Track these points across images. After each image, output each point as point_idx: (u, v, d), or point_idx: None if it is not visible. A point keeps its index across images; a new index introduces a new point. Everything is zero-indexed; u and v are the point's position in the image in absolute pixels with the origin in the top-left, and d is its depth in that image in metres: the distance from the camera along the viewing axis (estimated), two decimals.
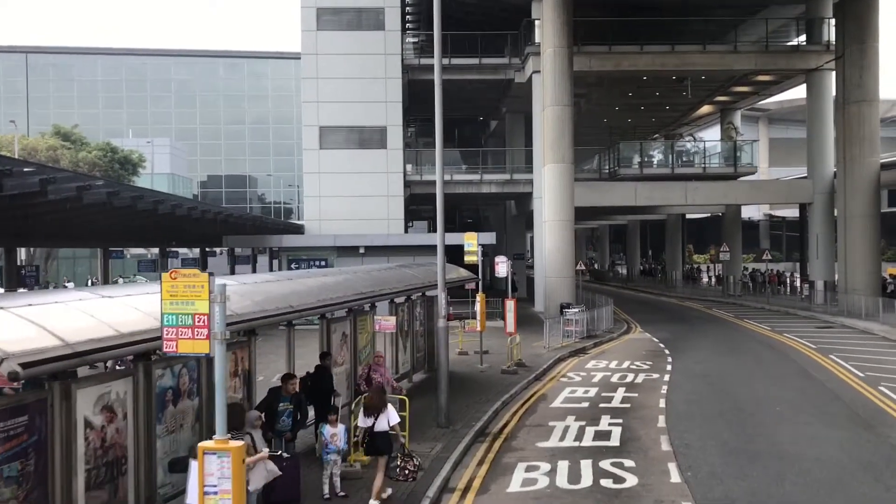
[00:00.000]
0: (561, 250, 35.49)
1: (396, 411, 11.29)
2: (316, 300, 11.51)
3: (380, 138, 40.24)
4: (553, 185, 35.66)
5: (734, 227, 51.47)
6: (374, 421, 10.69)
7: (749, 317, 36.78)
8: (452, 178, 42.26)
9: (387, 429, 10.73)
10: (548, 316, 35.69)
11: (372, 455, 11.03)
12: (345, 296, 12.25)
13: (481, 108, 52.79)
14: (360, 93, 40.10)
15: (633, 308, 42.79)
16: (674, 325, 34.94)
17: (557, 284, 35.61)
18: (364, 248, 32.66)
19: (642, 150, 40.62)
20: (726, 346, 27.69)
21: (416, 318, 20.47)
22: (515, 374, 21.22)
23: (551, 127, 35.71)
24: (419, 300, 20.73)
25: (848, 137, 36.50)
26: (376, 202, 39.92)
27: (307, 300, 11.13)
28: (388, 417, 10.75)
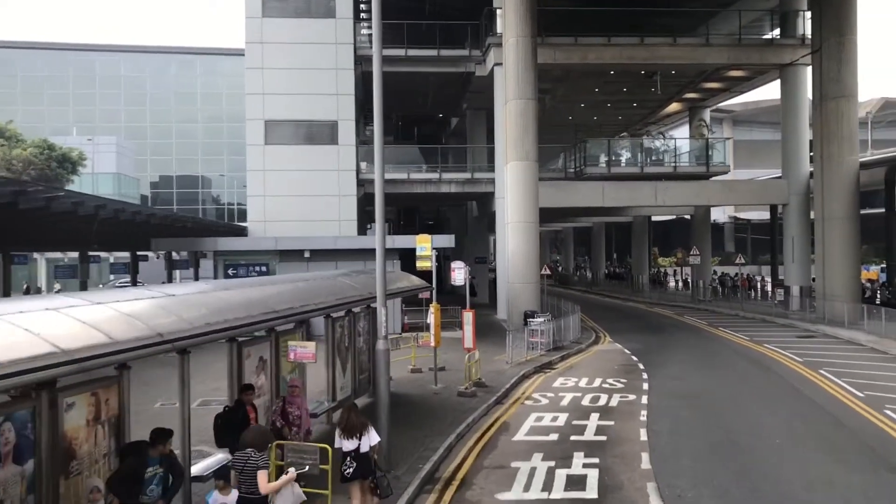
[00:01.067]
0: (525, 254, 33.00)
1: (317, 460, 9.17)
2: (204, 323, 8.72)
3: (330, 133, 37.36)
4: (516, 184, 33.16)
5: (703, 230, 49.60)
6: (358, 443, 10.02)
7: (724, 325, 34.64)
8: (409, 177, 39.56)
9: (368, 450, 10.11)
10: (511, 325, 33.18)
11: (358, 480, 10.11)
12: (245, 317, 9.46)
13: (441, 104, 50.19)
14: (309, 84, 37.20)
15: (601, 315, 40.50)
16: (645, 334, 32.65)
17: (521, 290, 33.11)
18: (309, 251, 29.80)
19: (610, 147, 38.37)
20: (704, 359, 25.37)
21: (360, 334, 17.71)
22: (474, 396, 18.56)
23: (514, 122, 33.22)
24: (363, 313, 17.98)
25: (826, 135, 34.59)
26: (327, 202, 37.02)
27: (188, 324, 8.33)
28: (370, 437, 10.14)
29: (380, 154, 13.21)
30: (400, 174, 39.61)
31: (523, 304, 32.70)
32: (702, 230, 49.36)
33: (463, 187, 39.94)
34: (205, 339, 8.52)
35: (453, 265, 21.27)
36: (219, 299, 10.01)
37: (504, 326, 34.22)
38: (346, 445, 10.07)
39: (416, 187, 39.80)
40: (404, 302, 31.14)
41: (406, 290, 18.14)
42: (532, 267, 33.09)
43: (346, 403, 11.88)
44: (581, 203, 38.04)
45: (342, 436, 10.12)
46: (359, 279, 16.49)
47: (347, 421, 10.19)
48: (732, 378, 21.52)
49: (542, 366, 23.97)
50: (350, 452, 10.05)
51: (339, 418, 10.71)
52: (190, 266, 38.97)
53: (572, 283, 70.97)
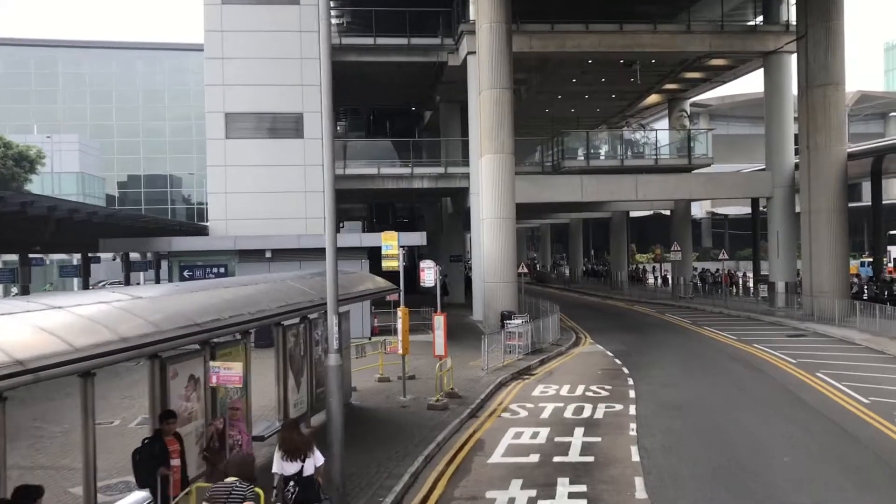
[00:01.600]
0: (501, 251, 31.35)
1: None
2: (104, 341, 6.89)
3: (295, 126, 35.40)
4: (491, 179, 31.48)
5: (684, 225, 48.24)
6: (302, 465, 8.90)
7: (708, 323, 33.21)
8: (380, 172, 37.72)
9: (312, 472, 8.99)
10: (487, 326, 31.53)
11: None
12: (150, 334, 7.62)
13: (413, 97, 48.41)
14: (272, 75, 35.19)
15: (580, 314, 38.96)
16: (627, 334, 31.11)
17: (498, 290, 31.44)
18: (271, 251, 27.89)
19: (589, 140, 36.82)
20: (692, 361, 23.83)
21: (318, 343, 15.89)
22: (445, 409, 16.82)
23: (489, 112, 31.53)
24: (322, 319, 16.15)
25: (812, 124, 33.26)
26: (292, 199, 35.04)
27: (68, 345, 6.50)
28: (314, 458, 9.04)
29: (329, 134, 11.42)
30: (370, 169, 37.78)
31: (500, 305, 31.05)
32: (682, 225, 48.00)
33: (436, 182, 38.18)
34: (90, 365, 6.69)
35: (422, 265, 19.50)
36: (125, 312, 8.17)
37: (480, 328, 32.57)
38: (287, 469, 8.95)
39: (388, 183, 37.98)
40: (374, 304, 29.36)
41: (369, 294, 16.36)
42: (509, 265, 31.45)
43: (288, 422, 10.09)
44: (559, 198, 36.45)
45: (283, 457, 8.99)
46: (314, 282, 14.68)
47: (290, 441, 9.07)
48: (724, 383, 19.96)
49: (521, 371, 22.29)
50: (292, 476, 8.91)
51: (279, 437, 9.47)
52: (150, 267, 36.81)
53: (550, 281, 69.51)
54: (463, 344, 27.44)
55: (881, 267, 37.46)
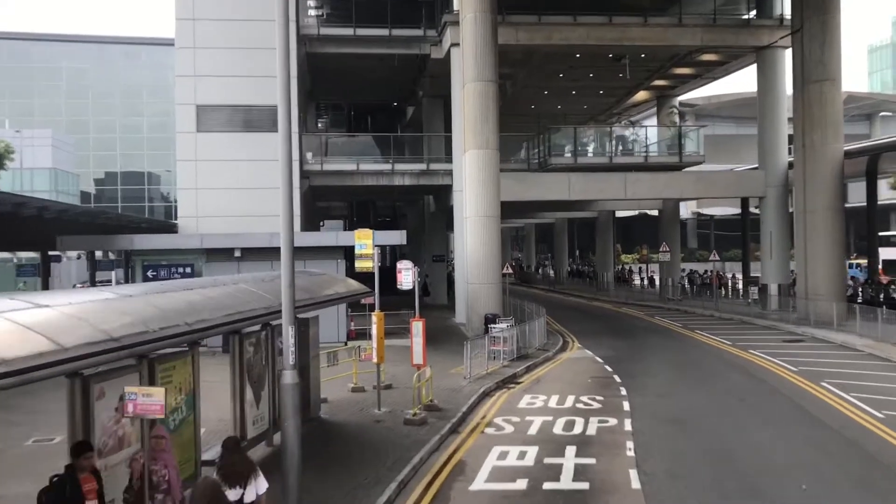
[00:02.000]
0: (485, 251, 29.90)
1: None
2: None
3: (270, 119, 33.74)
4: (475, 175, 30.03)
5: (672, 225, 47.01)
6: (243, 492, 7.79)
7: (700, 327, 31.92)
8: (359, 169, 36.15)
9: (254, 500, 7.89)
10: (470, 329, 30.11)
11: None
12: (41, 353, 6.09)
13: (395, 92, 46.91)
14: (246, 66, 33.56)
15: (566, 316, 37.60)
16: (616, 338, 29.76)
17: (481, 292, 29.99)
18: (240, 250, 26.27)
19: (577, 137, 35.47)
20: (687, 369, 22.47)
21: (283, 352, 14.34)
22: (424, 424, 15.33)
23: (473, 106, 30.08)
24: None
25: (808, 122, 32.06)
26: (268, 196, 33.12)
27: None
28: (257, 484, 7.92)
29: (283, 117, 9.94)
30: (348, 165, 36.21)
31: (484, 307, 29.62)
32: (670, 226, 46.77)
33: (418, 179, 36.66)
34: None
35: (400, 265, 17.98)
36: (39, 319, 6.61)
37: (463, 331, 31.14)
38: (229, 496, 7.76)
39: (367, 179, 36.41)
40: (351, 305, 27.84)
41: (338, 298, 14.82)
42: (493, 266, 30.01)
43: (228, 441, 8.54)
44: (546, 196, 35.06)
45: (223, 483, 7.81)
46: (275, 286, 13.14)
47: (229, 464, 7.96)
48: (724, 394, 18.60)
49: (506, 380, 20.83)
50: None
51: (219, 460, 8.29)
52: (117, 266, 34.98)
53: (535, 282, 68.21)
54: (444, 349, 25.99)
55: (876, 269, 36.36)
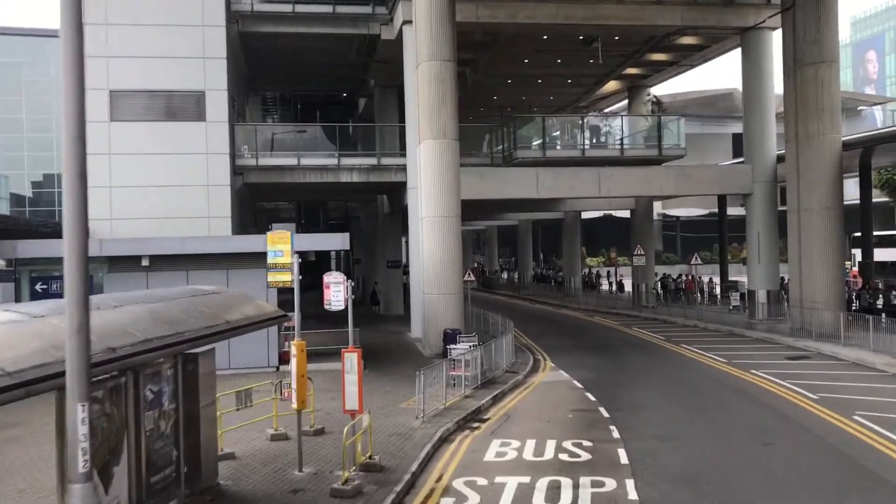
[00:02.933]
0: (444, 257, 25.98)
1: None
2: None
3: (196, 107, 29.40)
4: (432, 169, 26.11)
5: (646, 226, 43.64)
6: None
7: (685, 340, 28.34)
8: (300, 164, 31.90)
9: None
10: (427, 346, 26.20)
11: None
12: None
13: (346, 81, 42.78)
14: (167, 46, 29.11)
15: (534, 328, 33.84)
16: (593, 355, 26.04)
17: (440, 304, 26.05)
18: (148, 258, 21.91)
19: (545, 127, 31.70)
20: (685, 398, 18.75)
21: (156, 402, 10.18)
22: (357, 495, 11.26)
23: (428, 89, 26.15)
24: (169, 366, 10.46)
25: (802, 110, 28.72)
26: (193, 194, 29.05)
27: None
28: None
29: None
30: (287, 159, 31.95)
31: (442, 321, 25.68)
32: (644, 226, 43.40)
33: (368, 176, 32.56)
34: None
35: (327, 279, 13.88)
36: None
37: (419, 349, 27.18)
38: None
39: (310, 176, 32.17)
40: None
41: (234, 329, 10.64)
42: (453, 274, 26.09)
43: None
44: (511, 194, 31.23)
45: None
46: (138, 313, 9.05)
47: None
48: (744, 436, 14.83)
49: (469, 417, 16.87)
50: None
51: None
52: (4, 279, 30.01)
53: (497, 287, 64.50)
54: (396, 373, 22.02)
55: (872, 273, 33.25)
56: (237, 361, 21.73)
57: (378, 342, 28.67)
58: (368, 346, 26.65)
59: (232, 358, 21.65)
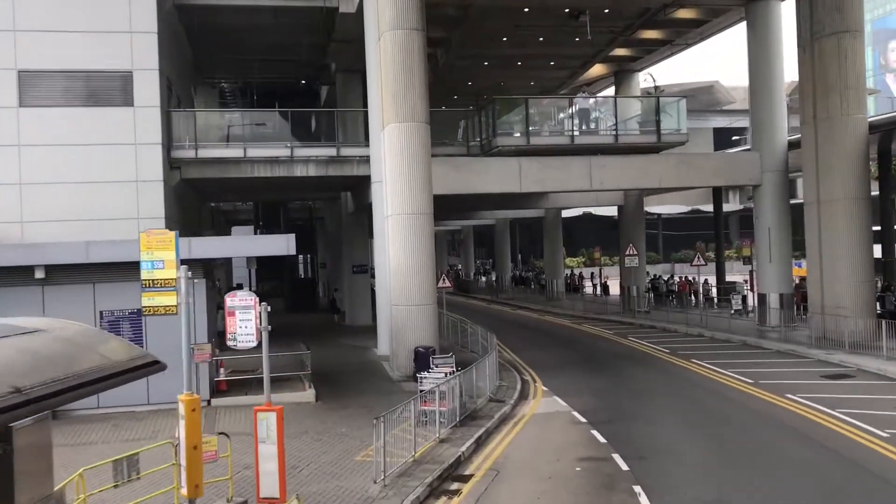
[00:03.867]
0: (414, 262, 22.01)
1: None
2: None
3: (122, 90, 25.05)
4: (398, 158, 22.11)
5: (636, 224, 39.94)
6: None
7: (695, 354, 24.54)
8: (246, 156, 27.64)
9: None
10: (396, 367, 22.26)
11: None
12: None
13: (304, 66, 38.56)
14: (86, 18, 24.75)
15: (518, 339, 30.00)
16: (590, 374, 22.20)
17: (410, 317, 22.06)
18: (44, 268, 17.61)
19: (528, 110, 27.80)
20: (720, 437, 14.86)
21: None
22: None
23: (393, 63, 22.16)
24: None
25: (821, 86, 25.11)
26: (119, 192, 24.69)
27: None
28: None
29: None
30: (232, 151, 27.69)
31: (413, 338, 21.72)
32: (634, 224, 39.71)
33: (326, 169, 28.39)
34: None
35: (230, 301, 9.77)
36: None
37: (386, 370, 23.16)
38: None
39: (259, 169, 27.94)
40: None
41: (54, 394, 6.50)
42: (425, 281, 22.11)
43: None
44: (490, 188, 27.24)
45: None
46: None
47: None
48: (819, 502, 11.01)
49: (445, 474, 12.85)
50: None
51: None
52: None
53: (474, 291, 60.57)
54: (354, 405, 18.01)
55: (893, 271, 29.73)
56: (152, 394, 17.54)
57: (336, 362, 24.58)
58: (323, 368, 22.61)
59: (139, 390, 17.43)
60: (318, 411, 17.56)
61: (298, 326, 36.23)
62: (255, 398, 18.19)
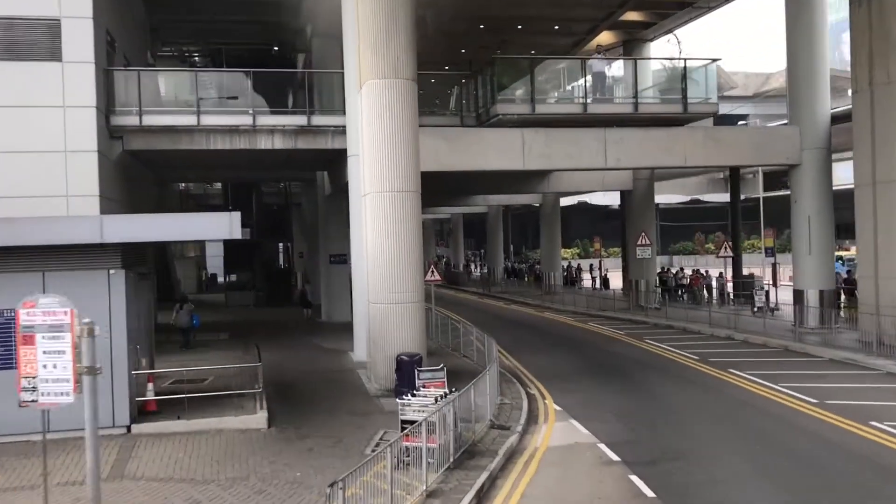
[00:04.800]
0: (397, 250, 17.97)
1: None
2: None
3: (48, 41, 20.77)
4: (379, 122, 18.02)
5: (645, 210, 36.01)
6: None
7: (729, 362, 20.63)
8: (200, 124, 23.43)
9: None
10: (374, 378, 18.36)
11: None
12: None
13: (275, 31, 34.37)
14: None
15: (515, 338, 26.19)
16: (610, 386, 18.31)
17: (390, 317, 18.04)
18: None
19: (533, 74, 23.74)
20: (811, 487, 10.95)
21: None
22: None
23: (374, 9, 18.02)
24: None
25: (878, 48, 21.22)
26: (45, 164, 20.52)
27: None
28: None
29: None
30: (183, 118, 23.47)
31: (395, 344, 17.73)
32: (642, 210, 35.80)
33: (295, 141, 24.24)
34: None
35: (24, 318, 5.67)
36: None
37: (363, 381, 19.18)
38: None
39: (216, 141, 23.75)
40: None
41: None
42: (410, 272, 18.07)
43: None
44: (488, 164, 23.23)
45: None
46: None
47: None
48: None
49: None
50: None
51: None
52: None
53: (464, 284, 56.64)
54: (319, 432, 14.05)
55: None
56: (53, 419, 13.39)
57: (303, 370, 20.57)
58: (286, 378, 18.64)
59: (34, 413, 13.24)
60: (269, 442, 13.53)
61: (267, 323, 32.20)
62: (192, 423, 14.19)
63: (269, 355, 21.67)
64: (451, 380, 14.77)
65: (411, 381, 15.14)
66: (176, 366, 18.75)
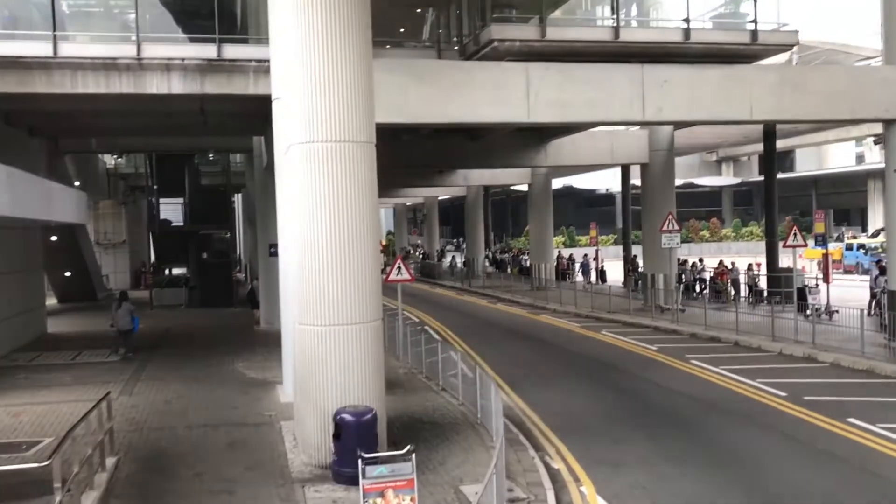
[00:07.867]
0: (335, 235, 10.80)
1: None
2: None
3: None
4: (310, 38, 10.78)
5: (664, 187, 29.22)
6: None
7: (843, 405, 13.85)
8: (57, 55, 16.02)
9: None
10: (302, 446, 11.00)
11: None
12: None
13: None
14: None
15: (509, 356, 19.47)
16: (676, 452, 11.45)
17: (327, 350, 10.90)
18: None
19: None
20: None
21: None
22: None
23: None
24: None
25: None
26: None
27: None
28: None
29: None
30: (33, 45, 16.11)
31: (333, 391, 10.70)
32: (661, 187, 29.00)
33: (202, 83, 16.91)
34: None
35: None
36: None
37: (285, 445, 11.94)
38: None
39: (84, 81, 16.37)
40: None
41: None
42: (360, 274, 10.92)
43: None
44: (478, 115, 16.18)
45: None
46: None
47: None
48: None
49: None
50: None
51: None
52: None
53: (440, 276, 49.67)
54: None
55: None
56: None
57: (200, 422, 13.42)
58: (162, 442, 11.62)
59: None
60: None
61: (189, 333, 25.11)
62: None
63: (160, 391, 14.77)
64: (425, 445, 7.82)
65: (354, 461, 8.32)
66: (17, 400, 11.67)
